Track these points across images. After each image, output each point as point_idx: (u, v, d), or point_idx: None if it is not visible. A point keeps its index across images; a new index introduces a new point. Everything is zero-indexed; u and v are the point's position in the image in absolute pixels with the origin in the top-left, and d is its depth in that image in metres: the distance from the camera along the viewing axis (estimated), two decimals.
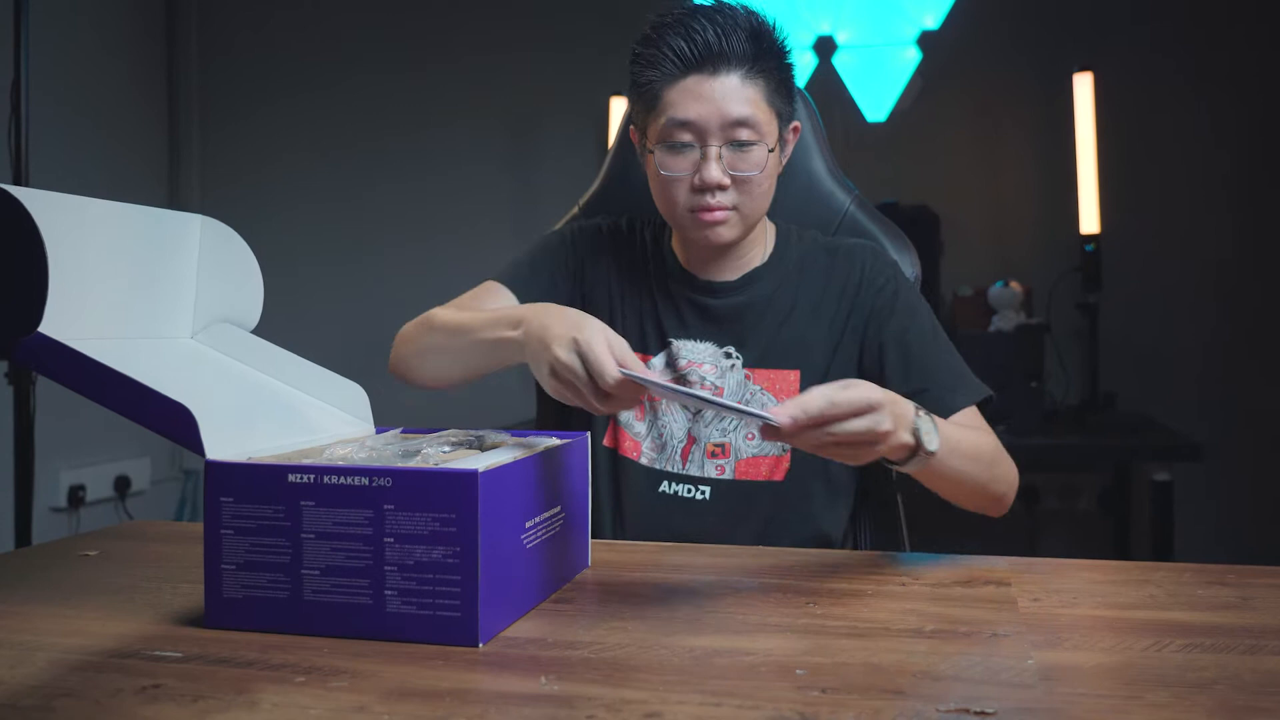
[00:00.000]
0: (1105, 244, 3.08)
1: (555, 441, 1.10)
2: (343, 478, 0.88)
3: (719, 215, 1.33)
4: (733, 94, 1.29)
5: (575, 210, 1.74)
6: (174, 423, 0.93)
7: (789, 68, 1.36)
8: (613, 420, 1.43)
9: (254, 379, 1.18)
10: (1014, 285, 3.01)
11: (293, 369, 1.20)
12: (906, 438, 1.07)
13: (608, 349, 1.05)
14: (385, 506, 0.87)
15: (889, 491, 1.55)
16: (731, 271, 1.43)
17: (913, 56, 3.38)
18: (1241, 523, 3.18)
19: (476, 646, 0.86)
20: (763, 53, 1.31)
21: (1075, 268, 3.14)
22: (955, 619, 0.95)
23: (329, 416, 1.18)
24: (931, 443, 1.09)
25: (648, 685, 0.77)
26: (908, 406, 1.08)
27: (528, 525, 0.97)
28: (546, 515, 1.02)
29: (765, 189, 1.35)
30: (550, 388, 1.11)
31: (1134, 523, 3.20)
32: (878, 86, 3.39)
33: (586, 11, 3.61)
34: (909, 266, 1.57)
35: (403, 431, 1.17)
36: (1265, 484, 3.18)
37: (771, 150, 1.32)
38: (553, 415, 1.58)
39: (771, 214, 1.48)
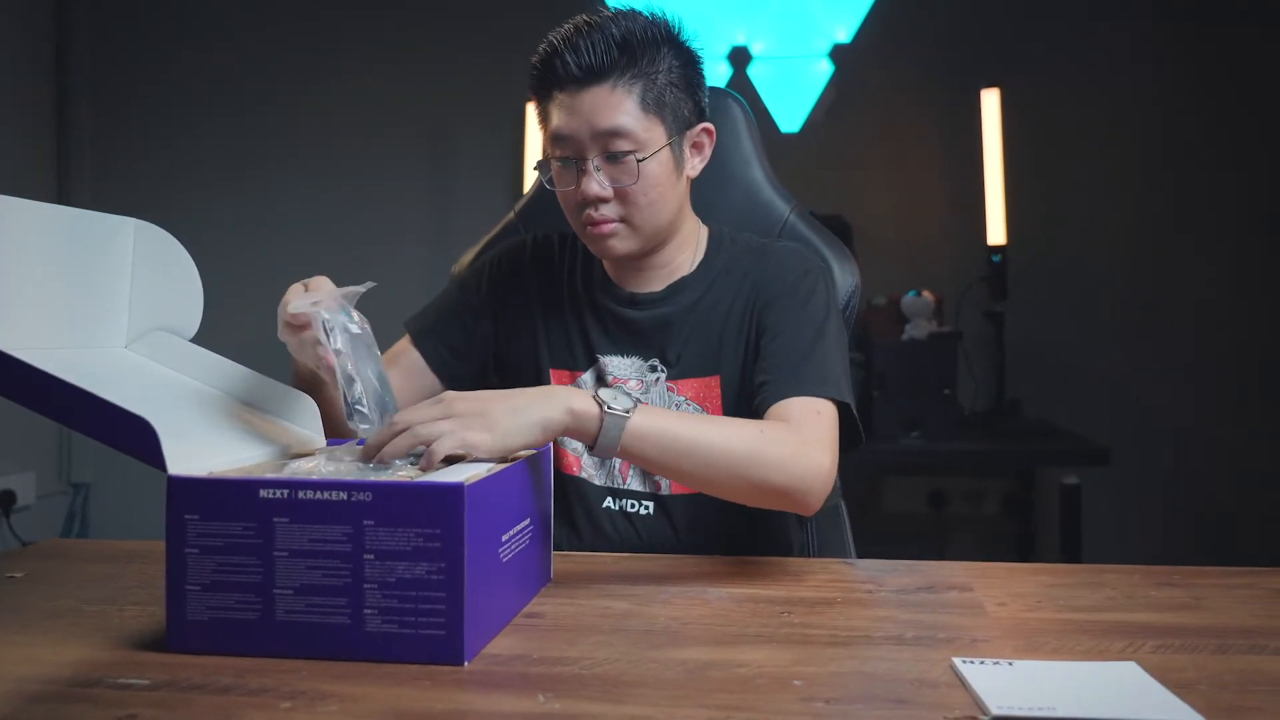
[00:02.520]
0: (1011, 254, 3.17)
1: (521, 452, 1.08)
2: (319, 492, 0.85)
3: (605, 229, 1.31)
4: (601, 105, 1.27)
5: (511, 216, 1.71)
6: (131, 436, 0.88)
7: (683, 69, 1.33)
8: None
9: (198, 391, 1.13)
10: (926, 294, 3.07)
11: (238, 380, 1.15)
12: (553, 414, 1.06)
13: (302, 287, 1.14)
14: (365, 522, 0.84)
15: (832, 499, 1.56)
16: (658, 282, 1.41)
17: (825, 69, 3.43)
18: (1142, 524, 3.30)
19: (462, 665, 0.83)
20: (636, 59, 1.28)
21: (982, 277, 3.22)
22: (931, 625, 0.96)
23: (279, 429, 1.14)
24: (623, 407, 1.08)
25: (649, 700, 0.76)
26: (550, 393, 1.10)
27: (504, 538, 0.95)
28: (518, 528, 1.00)
29: (654, 198, 1.31)
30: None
31: (1038, 525, 3.29)
32: (791, 97, 3.43)
33: (499, 16, 3.58)
34: (849, 276, 1.58)
35: (358, 444, 1.13)
36: (1164, 488, 3.31)
37: (644, 159, 1.28)
38: None
39: (712, 222, 1.47)
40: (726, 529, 1.36)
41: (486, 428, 1.02)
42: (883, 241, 3.36)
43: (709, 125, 1.39)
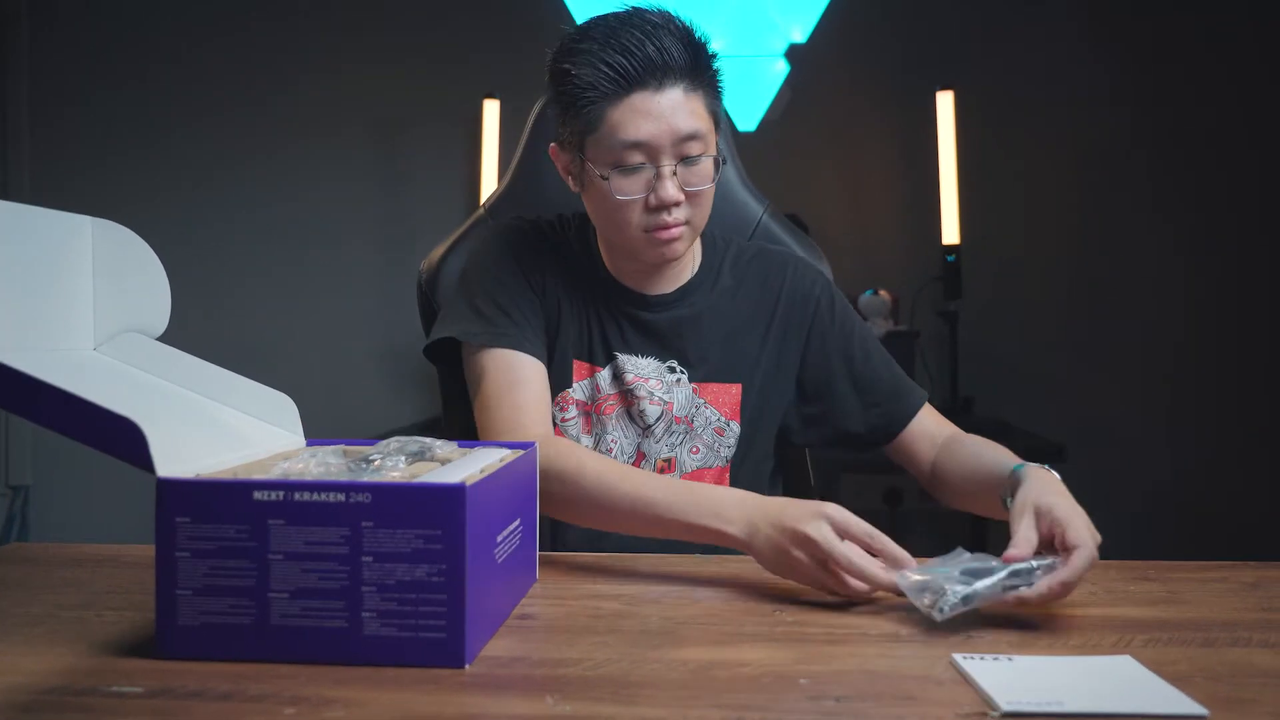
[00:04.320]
0: (965, 254, 3.22)
1: (508, 452, 1.07)
2: (315, 494, 0.83)
3: (675, 232, 1.29)
4: (680, 108, 1.25)
5: (480, 211, 1.70)
6: (116, 438, 0.85)
7: (717, 72, 1.32)
8: (559, 431, 1.38)
9: (173, 392, 1.10)
10: (883, 293, 3.11)
11: (213, 380, 1.12)
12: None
13: (857, 550, 1.02)
14: (363, 524, 0.83)
15: (809, 498, 1.57)
16: (666, 284, 1.41)
17: (781, 69, 3.45)
18: (1096, 521, 3.36)
19: (463, 668, 0.82)
20: (700, 62, 1.27)
21: (937, 277, 3.27)
22: (924, 621, 0.96)
23: (258, 430, 1.12)
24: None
25: (659, 701, 0.75)
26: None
27: (498, 539, 0.94)
28: (511, 528, 0.99)
29: (711, 198, 1.32)
30: (779, 566, 1.07)
31: (991, 522, 3.33)
32: (747, 96, 3.45)
33: (454, 14, 3.54)
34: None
35: (343, 444, 1.11)
36: (1117, 485, 3.38)
37: (725, 162, 1.31)
38: (459, 424, 1.54)
39: None
40: None
41: None
42: (839, 241, 3.39)
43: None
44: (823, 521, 1.02)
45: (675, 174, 1.26)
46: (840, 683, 0.80)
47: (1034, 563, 0.97)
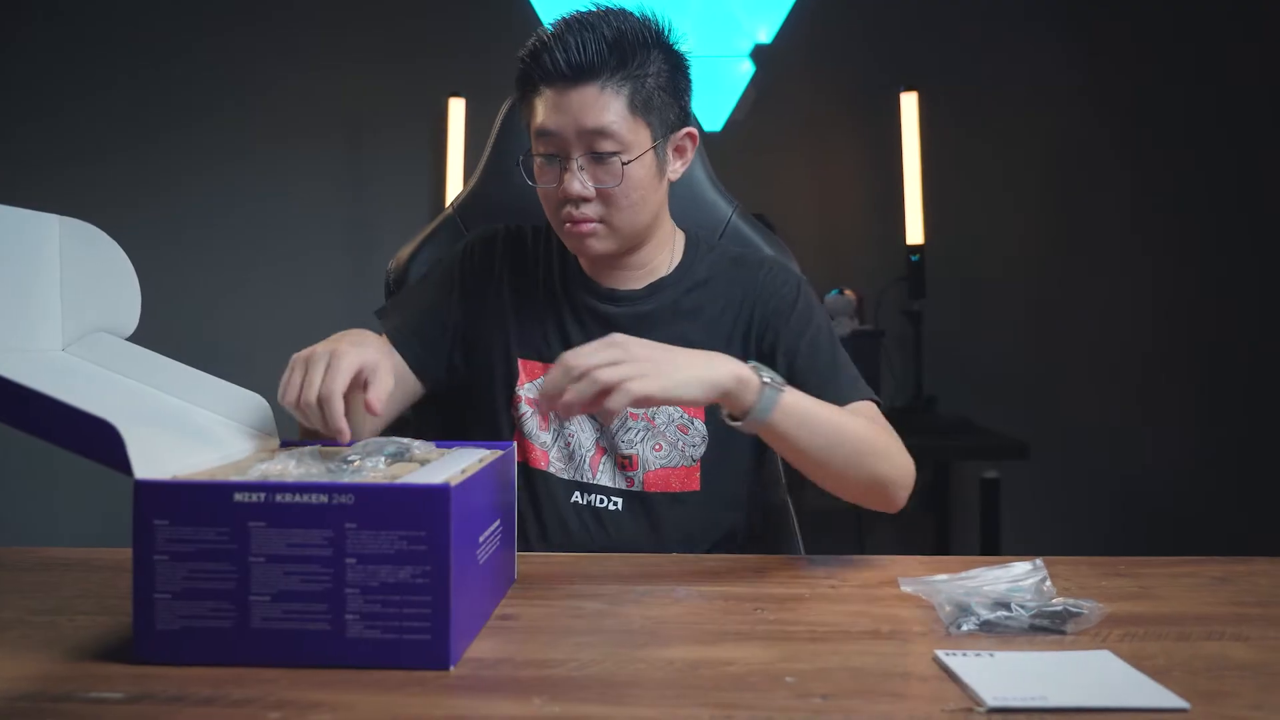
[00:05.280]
0: (929, 254, 3.24)
1: (487, 453, 1.06)
2: (298, 495, 0.82)
3: (585, 228, 1.31)
4: (589, 104, 1.27)
5: (448, 212, 1.69)
6: (91, 440, 0.84)
7: (664, 74, 1.32)
8: (517, 430, 1.39)
9: (145, 393, 1.09)
10: (848, 293, 3.13)
11: (186, 381, 1.11)
12: (722, 379, 1.09)
13: (352, 371, 1.09)
14: (346, 525, 0.82)
15: (780, 496, 1.58)
16: (636, 280, 1.41)
17: (747, 69, 3.46)
18: (1059, 518, 3.41)
19: (447, 670, 0.82)
20: (625, 61, 1.28)
21: (901, 277, 3.29)
22: (904, 620, 0.97)
23: (232, 431, 1.10)
24: (777, 381, 1.12)
25: (648, 701, 0.75)
26: (725, 358, 1.12)
27: (480, 540, 0.93)
28: (491, 529, 0.98)
29: (634, 201, 1.31)
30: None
31: (953, 519, 3.37)
32: (713, 97, 3.46)
33: (418, 12, 3.52)
34: None
35: (321, 444, 1.10)
36: (1078, 482, 3.43)
37: (629, 162, 1.28)
38: (430, 425, 1.53)
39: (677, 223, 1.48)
40: (695, 529, 1.37)
41: (658, 377, 1.05)
42: (804, 241, 3.39)
43: (693, 130, 1.41)
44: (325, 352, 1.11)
45: (582, 169, 1.29)
46: (826, 680, 0.80)
47: (1063, 604, 0.96)
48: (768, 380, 1.11)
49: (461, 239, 1.55)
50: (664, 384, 1.05)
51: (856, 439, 1.21)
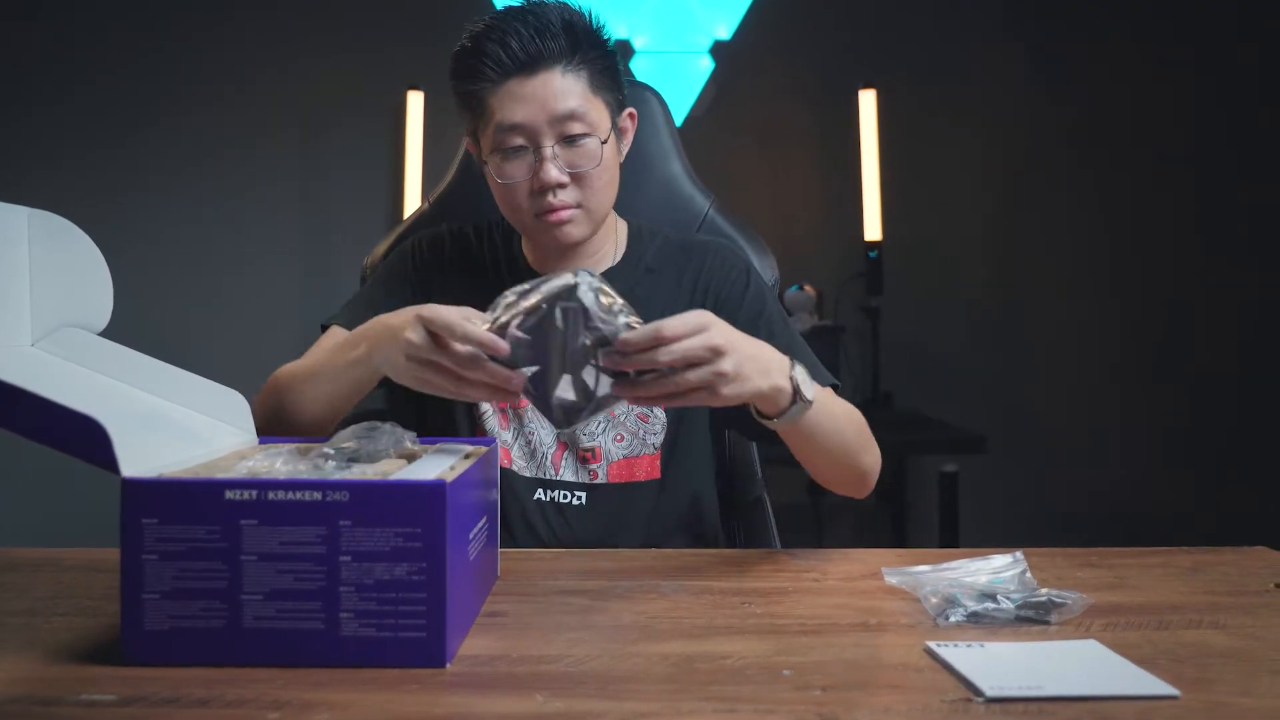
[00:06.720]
0: (887, 250, 3.28)
1: (471, 449, 1.06)
2: (291, 492, 0.81)
3: (564, 215, 1.31)
4: (555, 90, 1.27)
5: (425, 206, 1.68)
6: (76, 438, 0.82)
7: (611, 55, 1.34)
8: (478, 428, 1.38)
9: (121, 390, 1.07)
10: (807, 289, 3.15)
11: (161, 377, 1.09)
12: (782, 381, 1.08)
13: (452, 310, 1.03)
14: (341, 522, 0.81)
15: (755, 491, 1.58)
16: None
17: (706, 65, 3.47)
18: (1016, 511, 3.46)
19: (443, 667, 0.81)
20: (579, 43, 1.29)
21: (859, 273, 3.32)
22: (891, 612, 0.98)
23: (211, 428, 1.09)
24: (809, 390, 1.11)
25: (648, 696, 0.75)
26: (779, 355, 1.10)
27: (470, 536, 0.93)
28: (479, 526, 0.98)
29: (606, 181, 1.33)
30: (411, 377, 1.07)
31: (910, 511, 3.41)
32: (672, 92, 3.45)
33: (373, 2, 3.48)
34: (768, 271, 1.61)
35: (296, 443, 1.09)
36: (1034, 479, 3.48)
37: (604, 141, 1.30)
38: (412, 416, 1.52)
39: (631, 215, 1.47)
40: (660, 518, 1.37)
41: (752, 378, 1.03)
42: (764, 236, 3.41)
43: (632, 110, 1.41)
44: (418, 325, 1.04)
45: (556, 155, 1.28)
46: (823, 673, 0.80)
47: (1048, 594, 0.97)
48: (805, 380, 1.10)
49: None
50: (757, 385, 1.04)
51: (857, 430, 1.26)
